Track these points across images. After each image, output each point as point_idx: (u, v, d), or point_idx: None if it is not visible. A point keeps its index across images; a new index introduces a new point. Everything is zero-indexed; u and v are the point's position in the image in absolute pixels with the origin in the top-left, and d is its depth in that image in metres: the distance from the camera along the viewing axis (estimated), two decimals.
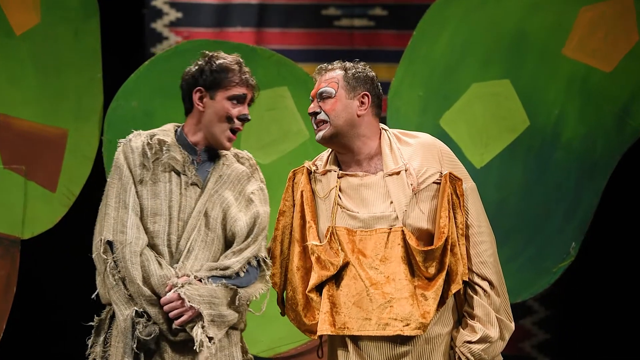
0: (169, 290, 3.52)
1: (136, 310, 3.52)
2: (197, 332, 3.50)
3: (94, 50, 5.24)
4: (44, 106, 5.20)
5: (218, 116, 3.65)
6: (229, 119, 3.65)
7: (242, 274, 3.61)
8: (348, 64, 3.67)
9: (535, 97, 5.35)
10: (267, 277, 3.69)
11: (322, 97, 3.64)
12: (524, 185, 5.36)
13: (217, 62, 3.66)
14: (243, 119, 3.69)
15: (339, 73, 3.64)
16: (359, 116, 3.61)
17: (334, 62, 3.69)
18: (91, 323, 3.67)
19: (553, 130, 5.33)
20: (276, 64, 5.30)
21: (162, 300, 3.52)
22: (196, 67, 3.69)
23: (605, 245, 5.82)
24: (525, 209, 5.35)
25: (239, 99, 3.66)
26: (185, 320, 3.51)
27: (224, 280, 3.57)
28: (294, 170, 3.76)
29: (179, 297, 3.50)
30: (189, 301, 3.49)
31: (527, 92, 5.35)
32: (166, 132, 3.72)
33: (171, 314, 3.52)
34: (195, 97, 3.67)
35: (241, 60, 3.70)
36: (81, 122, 5.24)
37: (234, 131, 3.68)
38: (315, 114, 3.65)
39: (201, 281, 3.55)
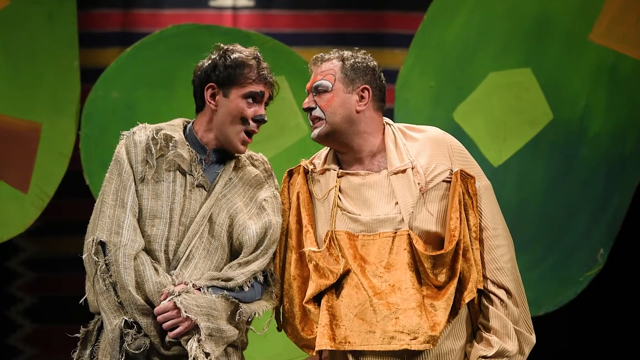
0: (164, 299, 3.50)
1: (125, 320, 3.50)
2: (192, 346, 3.47)
3: (70, 35, 5.24)
4: (14, 97, 5.20)
5: (231, 116, 3.62)
6: (243, 120, 3.63)
7: (246, 288, 3.59)
8: (346, 54, 3.65)
9: (559, 87, 5.35)
10: (274, 295, 3.67)
11: (318, 91, 3.63)
12: (546, 185, 5.37)
13: (233, 56, 3.64)
14: (259, 121, 3.66)
15: (335, 64, 3.63)
16: (358, 112, 3.61)
17: (331, 52, 3.68)
18: (77, 335, 3.64)
19: (579, 124, 5.34)
20: (272, 51, 5.30)
21: (157, 309, 3.49)
22: (209, 61, 3.66)
23: (637, 252, 5.80)
24: (547, 211, 5.36)
25: (255, 98, 3.64)
26: (181, 332, 3.48)
27: (225, 292, 3.55)
28: (290, 170, 3.76)
29: (175, 307, 3.47)
30: (185, 311, 3.46)
31: (550, 82, 5.36)
32: (174, 127, 3.69)
33: (165, 325, 3.49)
34: (207, 94, 3.65)
35: (259, 55, 3.68)
36: (56, 115, 5.24)
37: (249, 134, 3.66)
38: (310, 109, 3.65)
39: (200, 290, 3.53)
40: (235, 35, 5.24)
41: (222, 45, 3.70)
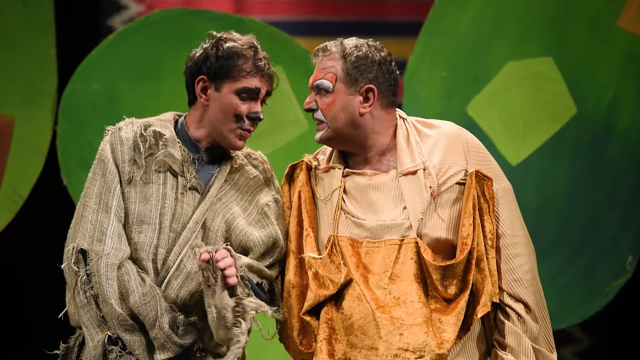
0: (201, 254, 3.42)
1: (109, 336, 3.48)
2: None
3: (46, 21, 5.23)
4: None
5: (224, 113, 3.60)
6: (237, 117, 3.60)
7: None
8: (348, 47, 3.59)
9: (584, 78, 5.35)
10: (281, 310, 3.65)
11: (319, 90, 3.60)
12: (569, 186, 5.36)
13: (226, 45, 3.61)
14: (254, 118, 3.62)
15: (337, 60, 3.59)
16: (362, 114, 3.57)
17: (334, 43, 3.63)
18: (56, 351, 3.63)
19: (605, 119, 5.34)
20: (268, 39, 5.29)
21: (217, 255, 3.42)
22: (201, 51, 3.64)
23: None
24: (571, 215, 5.35)
25: (250, 93, 3.60)
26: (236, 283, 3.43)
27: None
28: (292, 165, 3.73)
29: (230, 254, 3.44)
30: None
31: (574, 73, 5.35)
32: (164, 122, 3.67)
33: (227, 272, 3.41)
34: (198, 87, 3.63)
35: (256, 44, 3.64)
36: (31, 108, 5.24)
37: (245, 130, 3.64)
38: (311, 110, 3.62)
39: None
40: (227, 21, 5.26)
41: (215, 33, 3.67)
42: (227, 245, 3.49)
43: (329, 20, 5.89)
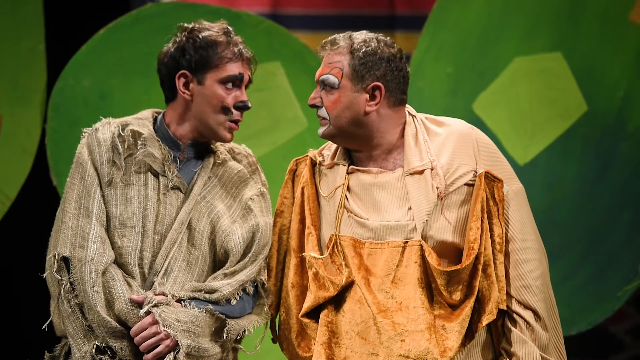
0: (140, 301, 3.48)
1: (97, 345, 3.49)
2: None
3: (35, 14, 5.21)
4: None
5: (211, 106, 3.62)
6: (225, 109, 3.62)
7: (233, 301, 3.57)
8: (357, 42, 3.57)
9: (595, 74, 5.33)
10: (266, 308, 3.67)
11: (325, 85, 3.60)
12: (579, 186, 5.35)
13: (201, 35, 3.63)
14: (242, 108, 3.64)
15: (344, 55, 3.58)
16: (367, 113, 3.56)
17: (342, 36, 3.61)
18: None
19: (617, 117, 5.31)
20: (266, 34, 5.29)
21: (133, 329, 3.48)
22: (175, 45, 3.66)
23: None
24: (581, 216, 5.34)
25: (235, 81, 3.63)
26: (162, 353, 3.47)
27: (210, 306, 3.53)
28: (297, 160, 3.75)
29: (153, 321, 3.46)
30: (163, 325, 3.45)
31: (584, 69, 5.33)
32: (142, 121, 3.69)
33: (143, 346, 3.47)
34: (180, 83, 3.64)
35: (229, 28, 3.67)
36: (18, 105, 5.22)
37: (233, 122, 3.66)
38: (315, 107, 3.62)
39: (181, 303, 3.53)
40: (223, 15, 5.18)
41: (185, 25, 3.69)
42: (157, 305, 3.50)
43: (359, 14, 5.92)
